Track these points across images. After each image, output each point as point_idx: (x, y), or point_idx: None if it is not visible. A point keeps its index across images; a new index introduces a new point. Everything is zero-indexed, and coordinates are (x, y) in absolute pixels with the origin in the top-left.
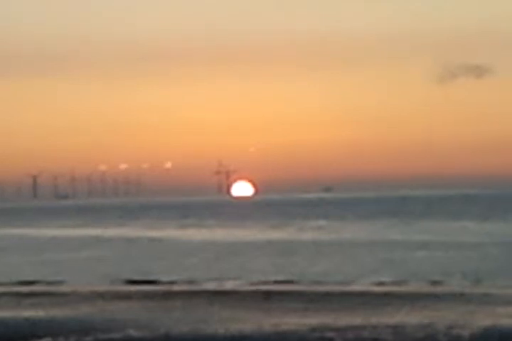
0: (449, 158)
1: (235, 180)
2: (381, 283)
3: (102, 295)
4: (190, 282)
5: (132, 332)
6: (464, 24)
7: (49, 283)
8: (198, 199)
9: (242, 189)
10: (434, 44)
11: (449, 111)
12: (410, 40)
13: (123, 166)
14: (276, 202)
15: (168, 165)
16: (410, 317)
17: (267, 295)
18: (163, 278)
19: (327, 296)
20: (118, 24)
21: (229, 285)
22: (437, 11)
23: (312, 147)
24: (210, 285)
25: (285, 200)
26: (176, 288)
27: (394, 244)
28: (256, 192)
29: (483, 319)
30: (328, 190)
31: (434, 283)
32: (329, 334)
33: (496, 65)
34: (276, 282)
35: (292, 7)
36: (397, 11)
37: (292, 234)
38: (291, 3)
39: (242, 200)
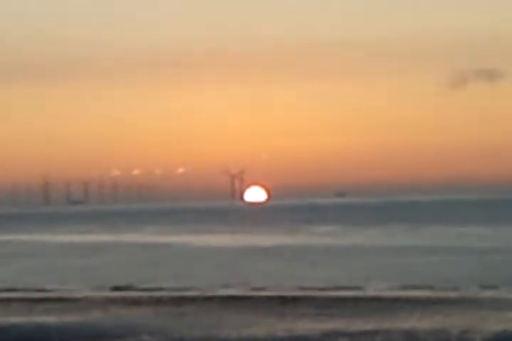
0: (461, 163)
1: (247, 186)
2: (392, 288)
3: (114, 301)
4: (201, 288)
5: (146, 338)
6: (475, 28)
7: (60, 289)
8: (211, 205)
9: (255, 194)
10: (445, 49)
11: (460, 117)
12: (421, 44)
13: (135, 172)
14: (289, 208)
15: (181, 170)
16: (422, 322)
17: (280, 300)
18: (174, 284)
19: (339, 301)
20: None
21: (241, 290)
22: (448, 15)
23: (325, 152)
24: (223, 291)
25: (298, 206)
26: (187, 293)
27: (405, 249)
28: (269, 198)
29: (495, 324)
30: (341, 195)
31: (446, 288)
32: (342, 340)
33: (507, 69)
34: (288, 287)
35: (301, 14)
36: (407, 16)
37: (304, 239)
38: (299, 10)
39: (254, 206)
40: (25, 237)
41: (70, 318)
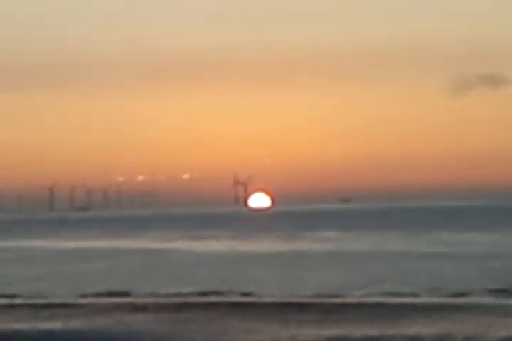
0: (465, 170)
1: (252, 192)
2: (397, 294)
3: (117, 307)
4: (205, 294)
5: None
6: (480, 34)
7: (64, 295)
8: (215, 211)
9: (259, 200)
10: (450, 54)
11: (465, 122)
12: (426, 50)
13: (140, 178)
14: (293, 214)
15: (185, 176)
16: (427, 328)
17: (283, 306)
18: (176, 290)
19: (343, 307)
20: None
21: (244, 297)
22: (452, 21)
23: (329, 158)
24: (227, 297)
25: (302, 212)
26: (192, 299)
27: (408, 255)
28: (273, 204)
29: (500, 330)
30: (345, 201)
31: (450, 294)
32: None
33: None
34: (292, 294)
35: (306, 20)
36: (411, 22)
37: (308, 245)
38: (308, 16)
39: (259, 212)
40: (29, 243)
41: (75, 324)
